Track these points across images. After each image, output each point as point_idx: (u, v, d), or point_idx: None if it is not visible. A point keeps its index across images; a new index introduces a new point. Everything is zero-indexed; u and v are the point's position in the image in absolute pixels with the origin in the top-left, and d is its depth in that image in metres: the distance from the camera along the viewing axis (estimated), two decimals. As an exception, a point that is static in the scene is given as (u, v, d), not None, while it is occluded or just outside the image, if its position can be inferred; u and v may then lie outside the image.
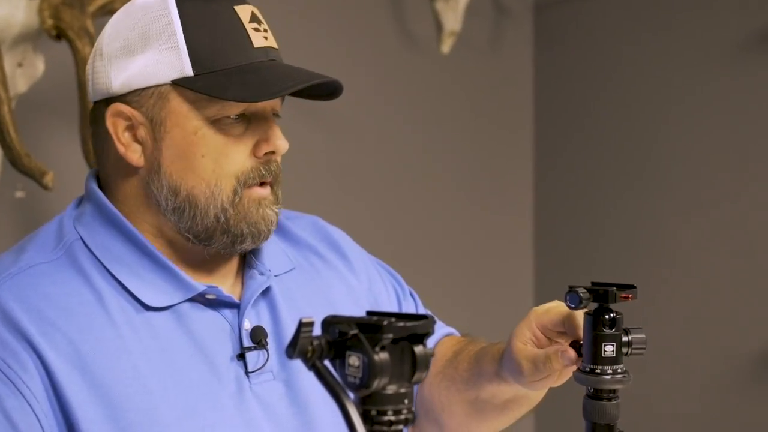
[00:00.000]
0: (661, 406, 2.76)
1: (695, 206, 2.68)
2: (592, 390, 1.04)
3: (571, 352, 1.06)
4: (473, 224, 2.80)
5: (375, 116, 2.59)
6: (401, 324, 0.78)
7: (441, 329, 1.33)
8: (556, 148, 2.97)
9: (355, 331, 0.78)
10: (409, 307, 1.32)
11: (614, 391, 1.04)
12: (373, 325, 0.78)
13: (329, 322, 0.79)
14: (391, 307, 1.29)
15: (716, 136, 2.63)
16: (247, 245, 1.12)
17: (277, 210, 1.14)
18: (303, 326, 0.77)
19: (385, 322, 0.77)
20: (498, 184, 2.92)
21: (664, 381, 2.75)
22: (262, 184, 1.12)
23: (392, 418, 0.79)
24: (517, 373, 1.10)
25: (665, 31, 2.70)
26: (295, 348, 0.78)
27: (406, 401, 0.79)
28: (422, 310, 1.33)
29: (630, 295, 1.03)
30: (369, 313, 0.81)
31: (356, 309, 1.22)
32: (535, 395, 1.20)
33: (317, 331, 0.79)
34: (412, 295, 1.34)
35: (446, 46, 2.53)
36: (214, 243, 1.11)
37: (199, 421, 1.07)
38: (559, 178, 2.96)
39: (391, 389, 0.79)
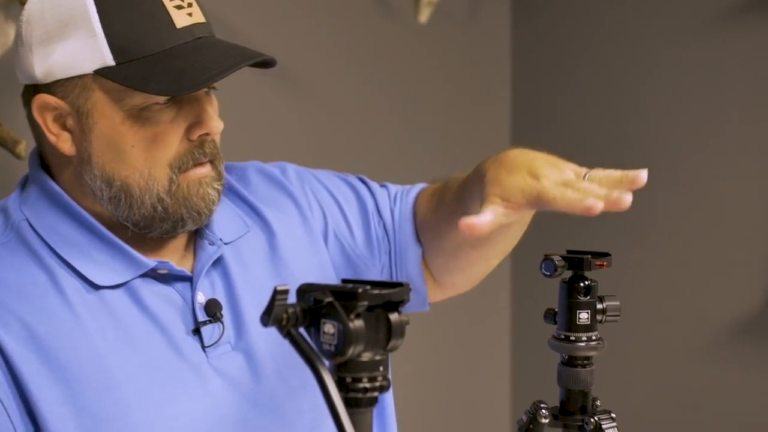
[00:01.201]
0: (634, 373, 2.78)
1: (672, 175, 2.69)
2: (566, 357, 1.05)
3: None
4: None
5: (350, 86, 2.57)
6: (376, 291, 0.79)
7: (414, 188, 1.31)
8: (533, 118, 2.97)
9: (330, 299, 0.78)
10: (374, 222, 1.28)
11: (588, 358, 1.05)
12: (348, 293, 0.78)
13: (304, 290, 0.79)
14: (356, 230, 1.27)
15: (694, 106, 2.64)
16: (189, 227, 1.11)
17: (218, 187, 1.11)
18: (277, 294, 0.77)
19: (360, 290, 0.77)
20: (475, 154, 2.92)
21: (638, 348, 2.77)
22: (201, 163, 1.09)
23: (367, 385, 0.79)
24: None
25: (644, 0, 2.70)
26: (270, 316, 0.77)
27: (381, 368, 0.79)
28: (397, 215, 1.29)
29: (605, 263, 1.04)
30: (344, 280, 0.81)
31: (312, 267, 1.20)
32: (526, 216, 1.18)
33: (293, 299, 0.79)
34: (377, 208, 1.29)
35: (424, 16, 2.52)
36: (154, 229, 1.10)
37: (160, 396, 1.06)
38: (536, 148, 2.97)
39: (366, 356, 0.79)
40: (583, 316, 1.03)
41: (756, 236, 2.55)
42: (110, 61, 1.04)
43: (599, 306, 1.04)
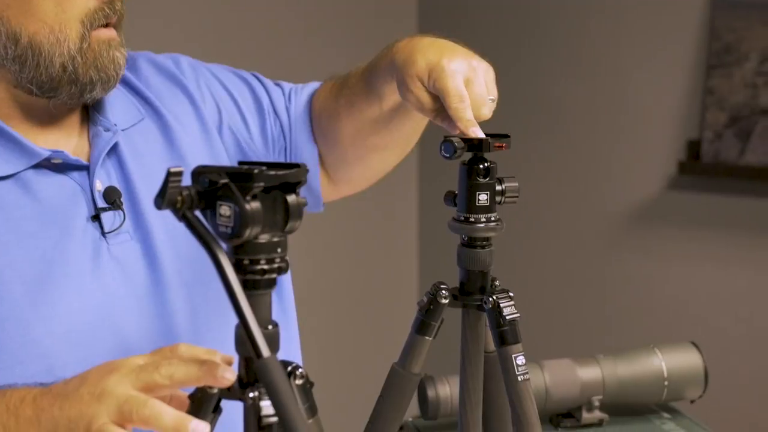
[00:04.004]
0: (533, 254, 2.85)
1: (573, 60, 2.71)
2: (466, 238, 1.06)
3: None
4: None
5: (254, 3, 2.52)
6: (272, 172, 0.78)
7: (309, 85, 1.31)
8: (439, 24, 2.95)
9: (225, 180, 0.77)
10: (270, 120, 1.27)
11: (488, 239, 1.05)
12: (243, 174, 0.77)
13: (199, 172, 0.78)
14: (252, 126, 1.25)
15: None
16: (97, 93, 1.07)
17: (124, 52, 1.08)
18: (171, 176, 0.76)
19: (256, 171, 0.76)
20: (380, 36, 2.89)
21: (537, 229, 2.83)
22: (107, 26, 1.06)
23: (265, 266, 0.79)
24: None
25: None
26: (164, 198, 0.76)
27: (279, 250, 0.79)
28: (293, 113, 1.28)
29: (504, 144, 1.04)
30: (240, 162, 0.80)
31: (207, 157, 1.19)
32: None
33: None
34: (273, 107, 1.27)
35: None
36: (60, 94, 1.06)
37: (51, 291, 1.02)
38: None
39: (263, 238, 0.78)
40: (482, 198, 1.03)
41: (656, 121, 2.60)
42: None
43: (498, 187, 1.04)
